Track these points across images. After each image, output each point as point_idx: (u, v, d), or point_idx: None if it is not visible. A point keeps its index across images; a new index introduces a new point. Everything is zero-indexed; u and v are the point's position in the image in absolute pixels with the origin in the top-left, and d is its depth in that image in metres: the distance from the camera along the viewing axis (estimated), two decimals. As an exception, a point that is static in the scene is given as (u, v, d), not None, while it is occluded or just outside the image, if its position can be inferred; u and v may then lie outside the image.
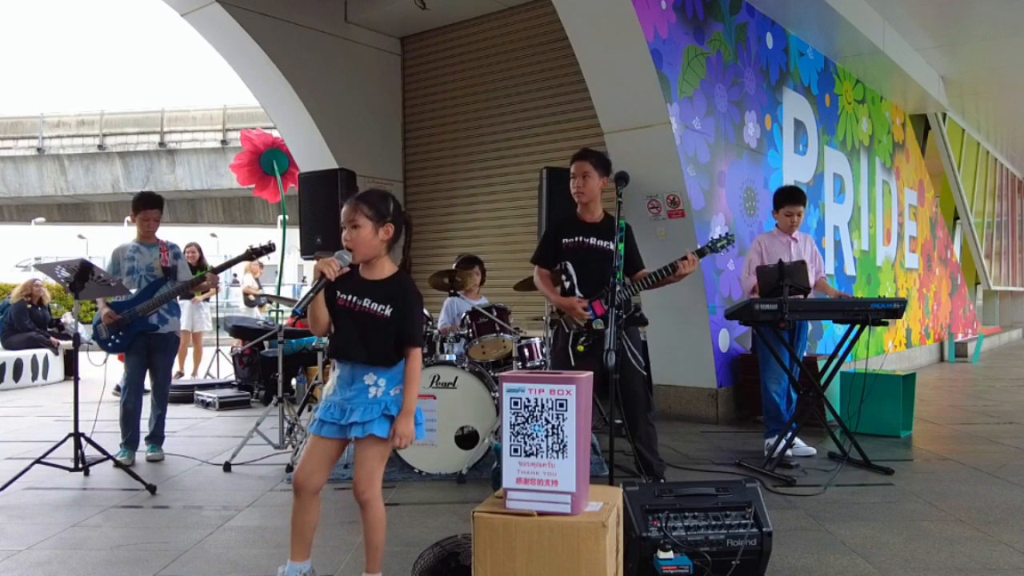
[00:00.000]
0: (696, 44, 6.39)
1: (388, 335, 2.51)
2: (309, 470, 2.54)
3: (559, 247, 4.04)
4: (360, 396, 2.50)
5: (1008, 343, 16.60)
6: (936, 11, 8.56)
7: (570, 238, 4.01)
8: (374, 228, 2.52)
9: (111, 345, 4.76)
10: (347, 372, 2.53)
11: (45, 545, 3.25)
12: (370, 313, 2.51)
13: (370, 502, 2.52)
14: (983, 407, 7.13)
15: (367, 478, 2.50)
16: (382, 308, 2.51)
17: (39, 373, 9.43)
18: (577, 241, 3.99)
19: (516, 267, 7.57)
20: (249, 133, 9.09)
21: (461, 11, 8.40)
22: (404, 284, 2.59)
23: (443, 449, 4.36)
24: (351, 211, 2.52)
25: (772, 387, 4.90)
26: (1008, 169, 17.99)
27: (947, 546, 3.16)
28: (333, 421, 2.50)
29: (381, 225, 2.53)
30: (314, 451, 2.55)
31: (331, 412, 2.51)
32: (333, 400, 2.54)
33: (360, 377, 2.51)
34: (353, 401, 2.50)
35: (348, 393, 2.52)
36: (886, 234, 10.37)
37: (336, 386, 2.56)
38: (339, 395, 2.53)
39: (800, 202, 5.06)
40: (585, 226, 4.00)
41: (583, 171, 3.96)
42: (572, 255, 4.00)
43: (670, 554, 2.48)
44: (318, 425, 2.54)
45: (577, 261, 3.99)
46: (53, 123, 28.03)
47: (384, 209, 2.55)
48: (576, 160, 4.02)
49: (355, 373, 2.52)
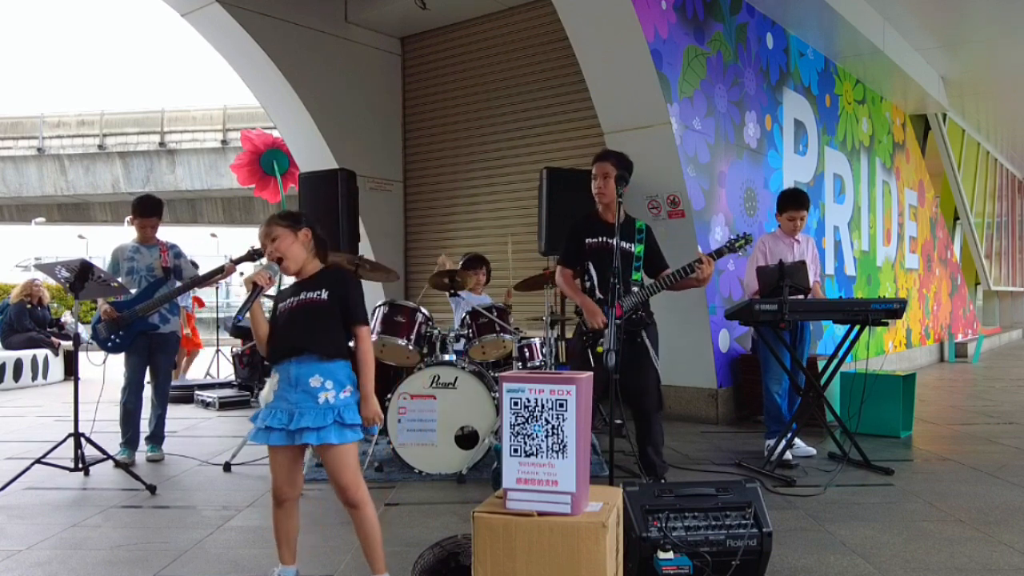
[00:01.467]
0: (696, 44, 6.39)
1: (329, 319, 2.53)
2: (283, 481, 2.54)
3: (583, 247, 4.05)
4: (308, 400, 2.45)
5: (1008, 343, 16.60)
6: (936, 11, 8.56)
7: (594, 238, 4.03)
8: (292, 234, 2.60)
9: (111, 345, 4.75)
10: (292, 374, 2.49)
11: (45, 545, 3.25)
12: (306, 302, 2.54)
13: (361, 503, 2.51)
14: (983, 407, 7.13)
15: (345, 484, 2.49)
16: (317, 293, 2.55)
17: (39, 373, 9.43)
18: (601, 242, 4.00)
19: (516, 267, 7.57)
20: (249, 133, 9.08)
21: (461, 11, 8.40)
22: (335, 271, 2.68)
23: (443, 449, 4.36)
24: (265, 230, 2.62)
25: (773, 387, 4.90)
26: (1008, 169, 17.99)
27: (947, 546, 3.16)
28: (281, 427, 2.44)
29: (298, 230, 2.61)
30: (279, 460, 2.53)
31: (277, 417, 2.45)
32: (276, 405, 2.48)
33: (305, 379, 2.47)
34: (301, 405, 2.45)
35: (294, 396, 2.47)
36: (886, 234, 10.37)
37: (278, 389, 2.50)
38: (283, 398, 2.48)
39: (804, 206, 5.05)
40: (608, 226, 3.97)
41: (604, 172, 3.96)
42: (595, 256, 4.01)
43: (670, 554, 2.48)
44: (265, 433, 2.47)
45: (599, 261, 4.00)
46: (53, 123, 28.03)
47: (296, 218, 2.65)
48: (598, 161, 4.03)
49: (299, 374, 2.47)
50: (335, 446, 2.46)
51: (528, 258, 7.68)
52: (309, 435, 2.43)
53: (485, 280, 5.76)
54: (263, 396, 2.56)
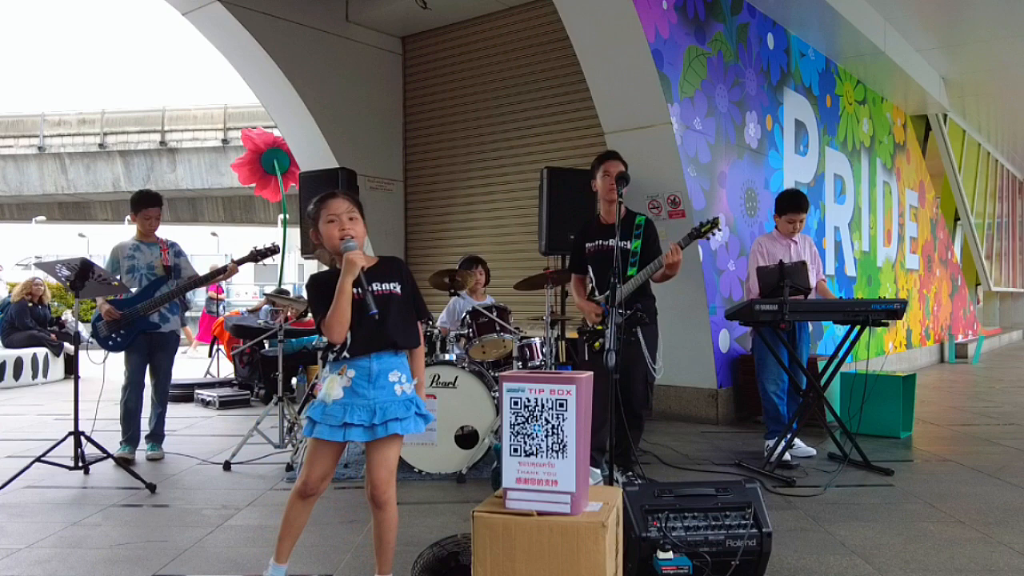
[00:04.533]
0: (697, 44, 6.39)
1: (409, 313, 2.54)
2: (321, 474, 2.52)
3: (584, 253, 4.19)
4: (387, 394, 2.45)
5: (1008, 344, 16.60)
6: (937, 12, 8.56)
7: (592, 242, 4.15)
8: (363, 222, 2.59)
9: (112, 344, 4.76)
10: (368, 370, 2.44)
11: (45, 543, 3.25)
12: (390, 294, 2.50)
13: (390, 502, 2.50)
14: (983, 408, 7.12)
15: (389, 478, 2.49)
16: (393, 286, 2.52)
17: (39, 372, 9.43)
18: (597, 245, 4.12)
19: (514, 267, 7.58)
20: (250, 132, 9.10)
21: (462, 11, 8.40)
22: (397, 261, 2.65)
23: (443, 449, 4.36)
24: (349, 205, 2.54)
25: (770, 388, 4.90)
26: (1009, 170, 17.98)
27: (947, 547, 3.16)
28: (361, 423, 2.41)
29: (363, 214, 2.60)
30: (327, 455, 2.51)
31: (358, 414, 2.42)
32: (351, 401, 2.43)
33: (385, 374, 2.46)
34: (382, 400, 2.44)
35: (373, 392, 2.44)
36: (886, 235, 10.37)
37: (351, 387, 2.44)
38: (361, 395, 2.44)
39: (803, 209, 5.03)
40: (605, 228, 4.07)
41: (618, 169, 3.99)
42: (593, 259, 4.15)
43: (669, 554, 2.48)
44: (342, 430, 2.42)
45: (597, 264, 4.12)
46: (54, 122, 28.02)
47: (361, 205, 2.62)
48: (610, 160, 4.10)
49: (379, 370, 2.45)
50: (395, 440, 2.47)
51: (528, 258, 7.67)
52: (396, 425, 2.43)
53: (485, 281, 5.75)
54: (327, 393, 2.45)
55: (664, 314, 4.26)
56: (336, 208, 2.51)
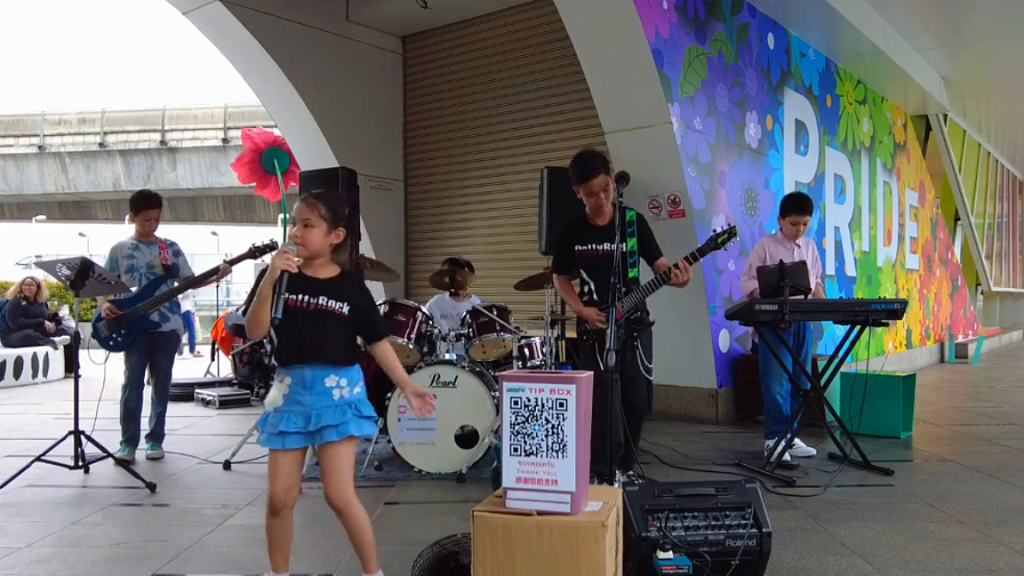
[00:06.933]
0: (697, 44, 6.38)
1: (347, 333, 2.49)
2: (284, 486, 2.46)
3: (573, 254, 3.99)
4: (324, 399, 2.43)
5: (1008, 344, 16.60)
6: (937, 12, 8.56)
7: (583, 245, 3.95)
8: (327, 231, 2.46)
9: (113, 344, 4.75)
10: (306, 376, 2.44)
11: (45, 543, 3.25)
12: (328, 311, 2.44)
13: (350, 504, 2.47)
14: (983, 408, 7.12)
15: (344, 483, 2.45)
16: (340, 306, 2.45)
17: (39, 371, 9.43)
18: (591, 249, 3.92)
19: (512, 267, 7.58)
20: (250, 131, 9.08)
21: (462, 10, 8.40)
22: (357, 281, 2.57)
23: (443, 448, 4.36)
24: (307, 209, 2.46)
25: (774, 388, 4.89)
26: (1009, 170, 17.98)
27: (947, 547, 3.16)
28: (298, 431, 2.41)
29: (334, 229, 2.48)
30: (284, 466, 2.46)
31: (294, 421, 2.41)
32: (289, 409, 2.43)
33: (320, 380, 2.43)
34: (317, 405, 2.42)
35: (309, 399, 2.43)
36: (887, 235, 10.37)
37: (289, 394, 2.45)
38: (297, 402, 2.43)
39: (807, 212, 5.00)
40: (597, 231, 3.91)
41: (603, 187, 3.83)
42: (587, 263, 3.96)
43: (669, 554, 2.48)
44: (280, 438, 2.42)
45: (594, 268, 3.92)
46: (54, 121, 28.01)
47: (340, 213, 2.50)
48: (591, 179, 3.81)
49: (313, 377, 2.43)
50: (343, 443, 2.44)
51: (528, 257, 7.67)
52: (330, 432, 2.41)
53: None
54: (270, 400, 2.47)
55: (664, 314, 4.26)
56: (297, 213, 2.49)
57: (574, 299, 4.03)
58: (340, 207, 2.52)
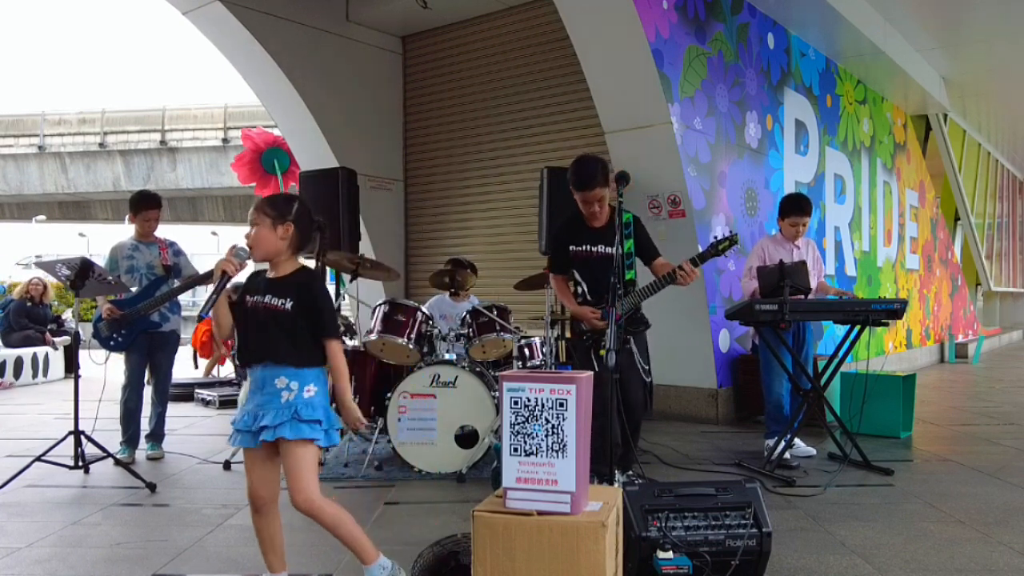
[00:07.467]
0: (697, 44, 6.38)
1: (291, 330, 2.45)
2: (258, 482, 2.48)
3: (568, 254, 3.98)
4: (272, 400, 2.43)
5: (1008, 344, 16.59)
6: (937, 12, 8.56)
7: (578, 246, 3.94)
8: (272, 226, 2.48)
9: (113, 344, 4.75)
10: (258, 377, 2.47)
11: (45, 543, 3.25)
12: (270, 308, 2.44)
13: (313, 508, 2.43)
14: (983, 408, 7.12)
15: (299, 484, 2.41)
16: (281, 302, 2.44)
17: (40, 371, 9.43)
18: (585, 250, 3.91)
19: (511, 267, 7.58)
20: (250, 131, 9.08)
21: (462, 10, 8.39)
22: (306, 277, 2.54)
23: (443, 448, 4.36)
24: (253, 212, 2.52)
25: (776, 388, 4.89)
26: (1009, 170, 17.99)
27: (947, 547, 3.16)
28: (245, 429, 2.43)
29: (280, 223, 2.48)
30: (251, 463, 2.49)
31: (244, 420, 2.45)
32: (246, 408, 2.48)
33: (271, 381, 2.44)
34: (265, 406, 2.43)
35: (260, 398, 2.44)
36: (887, 235, 10.37)
37: (248, 393, 2.50)
38: (251, 401, 2.46)
39: (807, 213, 4.99)
40: (593, 232, 3.90)
41: (599, 198, 3.81)
42: (581, 264, 3.95)
43: (669, 554, 2.48)
44: (235, 436, 2.48)
45: (587, 269, 3.92)
46: (54, 121, 28.02)
47: (285, 209, 2.51)
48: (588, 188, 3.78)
49: (266, 377, 2.45)
50: (290, 444, 2.40)
51: (528, 258, 7.67)
52: (267, 433, 2.40)
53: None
54: (239, 398, 2.55)
55: (664, 314, 4.26)
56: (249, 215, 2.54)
57: (570, 299, 4.03)
58: (285, 204, 2.54)
